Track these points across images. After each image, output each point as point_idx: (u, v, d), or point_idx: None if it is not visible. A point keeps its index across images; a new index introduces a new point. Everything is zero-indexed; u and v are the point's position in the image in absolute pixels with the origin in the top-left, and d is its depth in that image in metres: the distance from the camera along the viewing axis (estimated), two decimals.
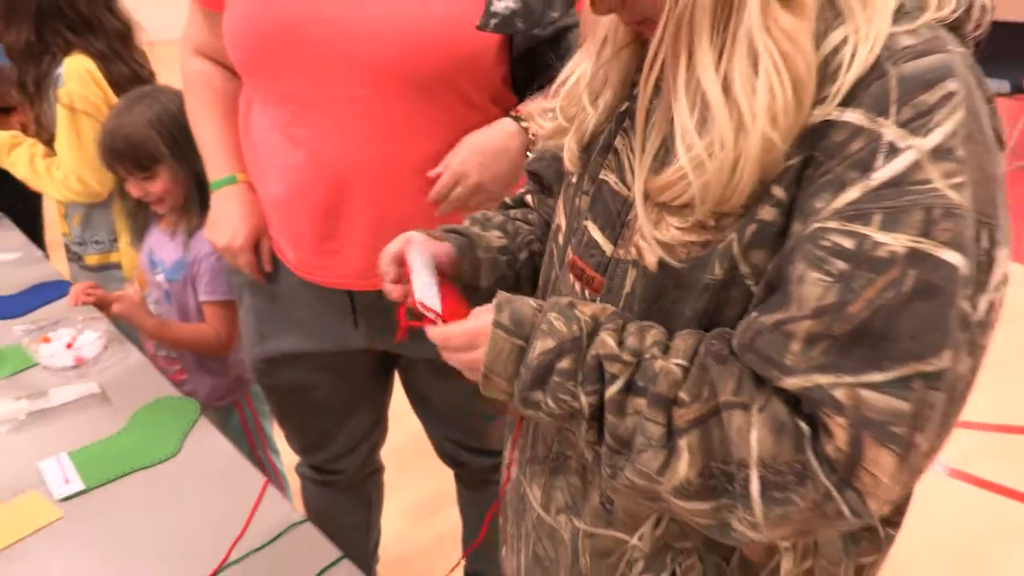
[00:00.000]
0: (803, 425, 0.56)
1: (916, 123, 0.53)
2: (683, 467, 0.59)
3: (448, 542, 1.97)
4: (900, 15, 0.56)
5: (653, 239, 0.63)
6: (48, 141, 1.86)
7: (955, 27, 0.58)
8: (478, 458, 1.54)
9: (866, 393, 0.53)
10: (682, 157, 0.58)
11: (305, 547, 1.02)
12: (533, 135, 1.06)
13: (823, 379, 0.54)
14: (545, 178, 0.92)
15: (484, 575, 1.69)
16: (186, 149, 1.54)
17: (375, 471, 1.63)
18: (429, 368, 1.34)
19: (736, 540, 0.61)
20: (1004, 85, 4.71)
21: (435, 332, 0.72)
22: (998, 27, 0.79)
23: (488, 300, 0.74)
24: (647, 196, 0.63)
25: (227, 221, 1.22)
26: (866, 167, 0.54)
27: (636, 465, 0.61)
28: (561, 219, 0.79)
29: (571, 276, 0.74)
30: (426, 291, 0.74)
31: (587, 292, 0.72)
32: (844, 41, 0.55)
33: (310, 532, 1.04)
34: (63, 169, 1.78)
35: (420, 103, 1.04)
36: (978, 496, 2.31)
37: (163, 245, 1.64)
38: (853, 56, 0.54)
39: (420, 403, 1.49)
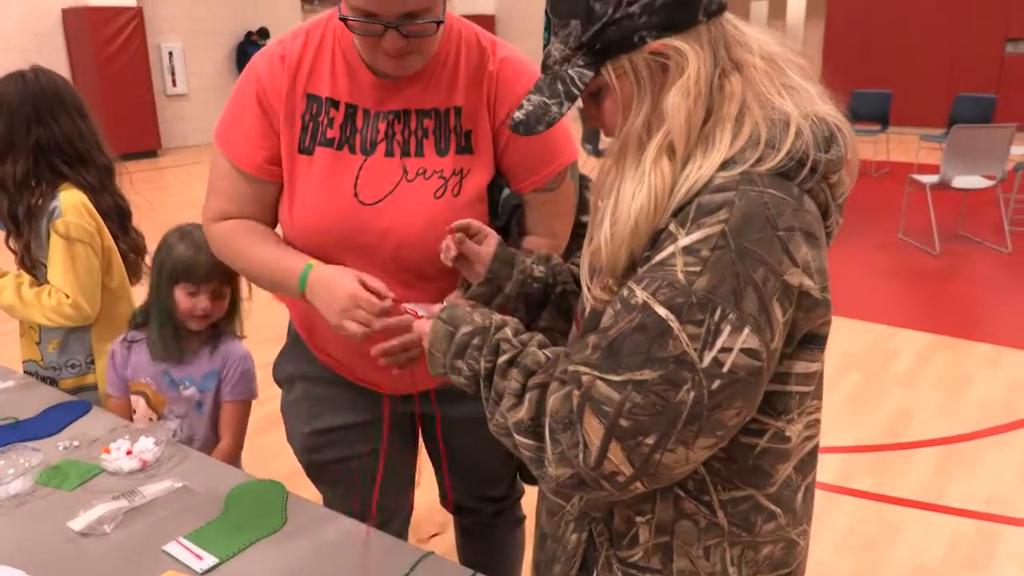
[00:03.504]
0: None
1: (692, 232, 0.82)
2: (523, 411, 0.91)
3: None
4: (727, 163, 0.85)
5: (591, 296, 0.98)
6: (30, 269, 1.95)
7: (784, 174, 0.85)
8: (489, 505, 1.79)
9: (599, 383, 0.84)
10: (605, 232, 0.91)
11: (441, 574, 1.22)
12: None
13: (584, 369, 0.87)
14: None
15: None
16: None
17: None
18: (459, 424, 1.58)
19: (543, 476, 0.90)
20: None
21: (417, 323, 1.12)
22: None
23: (508, 303, 1.21)
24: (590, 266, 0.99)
25: (335, 297, 1.28)
26: (661, 253, 0.84)
27: (501, 408, 0.94)
28: None
29: (574, 324, 1.11)
30: (416, 306, 1.19)
31: (576, 329, 1.08)
32: (685, 176, 0.86)
33: (437, 560, 1.25)
34: (56, 295, 1.87)
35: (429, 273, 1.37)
36: (860, 504, 2.77)
37: (186, 364, 1.81)
38: (682, 188, 0.86)
39: (448, 459, 1.72)
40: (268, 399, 1.87)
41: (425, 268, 1.34)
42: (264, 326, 2.04)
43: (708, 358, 0.81)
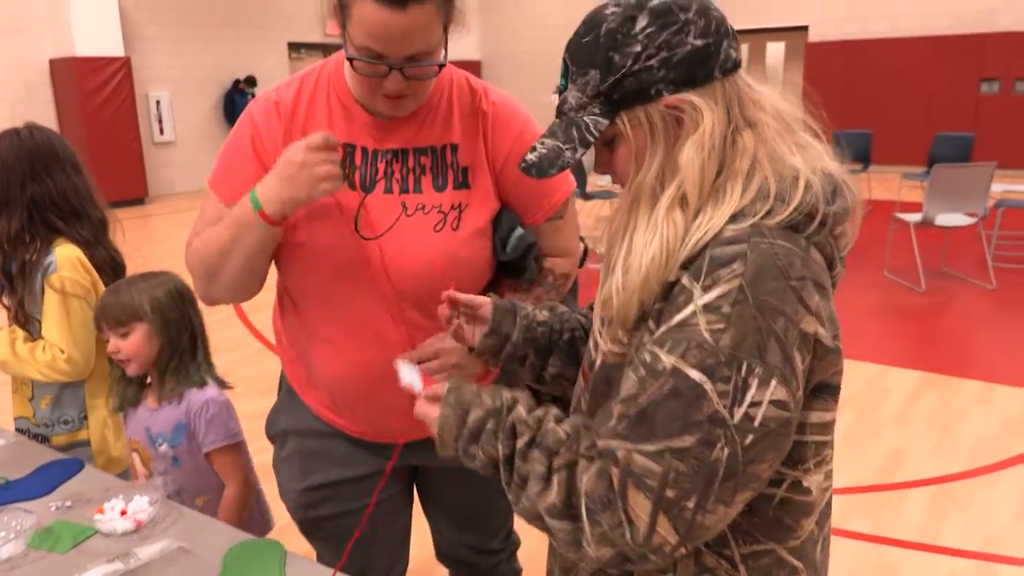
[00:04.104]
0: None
1: (708, 287, 0.84)
2: (553, 494, 0.88)
3: None
4: (737, 216, 0.86)
5: (601, 348, 0.98)
6: (23, 324, 1.94)
7: (794, 227, 0.86)
8: (487, 558, 1.77)
9: (636, 456, 0.83)
10: (616, 282, 0.92)
11: None
12: None
13: (615, 443, 0.85)
14: None
15: None
16: (171, 315, 1.75)
17: None
18: (454, 476, 1.58)
19: (583, 557, 0.88)
20: None
21: (418, 405, 1.07)
22: None
23: (517, 351, 1.19)
24: (601, 318, 0.98)
25: (287, 166, 1.24)
26: (679, 312, 0.85)
27: (527, 492, 0.91)
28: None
29: (580, 376, 1.10)
30: (411, 378, 1.14)
31: (583, 382, 1.07)
32: (696, 227, 0.88)
33: None
34: (50, 351, 1.86)
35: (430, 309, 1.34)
36: (858, 546, 2.76)
37: (156, 418, 1.79)
38: (692, 239, 0.87)
39: (441, 511, 1.70)
40: (258, 451, 1.85)
41: (428, 304, 1.34)
42: (255, 376, 2.04)
43: (739, 414, 0.81)
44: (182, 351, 1.78)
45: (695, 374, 0.82)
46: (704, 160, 0.89)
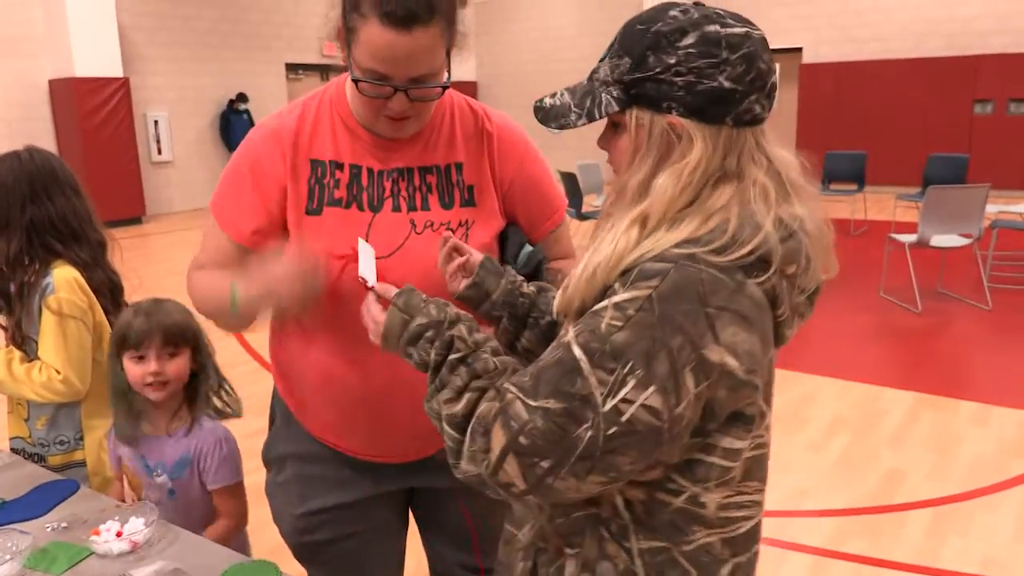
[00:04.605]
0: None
1: (625, 291, 0.89)
2: (458, 407, 0.98)
3: None
4: (685, 242, 0.90)
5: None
6: (20, 345, 1.94)
7: (742, 266, 0.90)
8: None
9: (518, 403, 0.91)
10: (575, 276, 0.99)
11: None
12: None
13: (513, 389, 0.93)
14: None
15: None
16: (205, 344, 1.75)
17: None
18: (450, 497, 1.58)
19: (456, 468, 0.97)
20: None
21: (367, 302, 1.17)
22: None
23: (494, 310, 1.26)
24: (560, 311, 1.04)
25: (272, 274, 1.26)
26: (598, 305, 0.92)
27: (440, 397, 1.01)
28: None
29: None
30: (367, 272, 1.23)
31: None
32: (642, 244, 0.92)
33: None
34: (46, 371, 1.86)
35: None
36: (853, 569, 2.75)
37: (158, 448, 1.78)
38: (634, 253, 0.92)
39: (437, 531, 1.70)
40: (250, 471, 1.83)
41: None
42: (250, 395, 2.02)
43: (609, 404, 0.86)
44: (209, 378, 1.80)
45: (577, 351, 0.89)
46: (675, 193, 0.93)
